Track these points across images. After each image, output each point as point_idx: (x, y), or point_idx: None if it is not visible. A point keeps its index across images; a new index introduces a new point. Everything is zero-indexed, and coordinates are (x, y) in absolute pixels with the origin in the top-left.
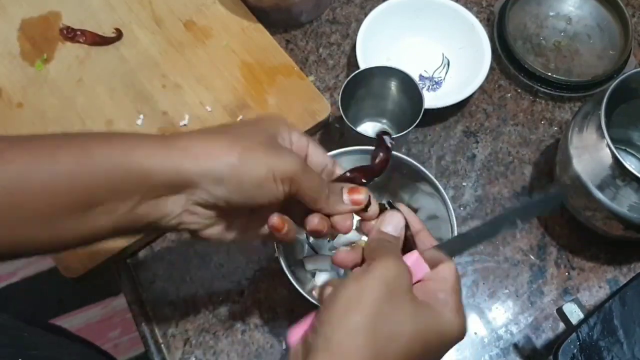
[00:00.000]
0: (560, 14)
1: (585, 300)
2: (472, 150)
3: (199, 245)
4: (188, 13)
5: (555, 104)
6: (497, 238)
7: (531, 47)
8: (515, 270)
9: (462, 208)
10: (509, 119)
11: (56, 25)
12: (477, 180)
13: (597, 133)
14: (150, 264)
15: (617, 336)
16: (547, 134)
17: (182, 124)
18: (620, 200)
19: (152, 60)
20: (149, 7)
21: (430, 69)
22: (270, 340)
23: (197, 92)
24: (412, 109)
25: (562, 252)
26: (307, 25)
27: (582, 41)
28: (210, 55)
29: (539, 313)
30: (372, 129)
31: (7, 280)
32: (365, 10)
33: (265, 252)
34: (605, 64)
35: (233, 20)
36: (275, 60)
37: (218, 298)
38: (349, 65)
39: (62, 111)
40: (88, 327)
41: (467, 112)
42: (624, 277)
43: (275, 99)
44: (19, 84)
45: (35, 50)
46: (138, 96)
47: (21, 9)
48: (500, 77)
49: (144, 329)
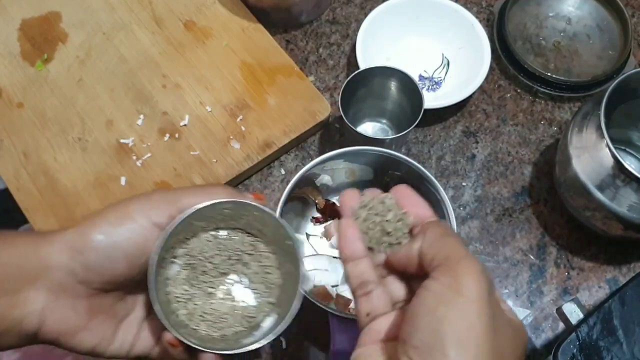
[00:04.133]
0: (560, 14)
1: (584, 300)
2: (471, 150)
3: None
4: (188, 13)
5: (555, 104)
6: (496, 237)
7: (531, 47)
8: (515, 270)
9: (462, 208)
10: (508, 119)
11: (56, 25)
12: (477, 180)
13: (596, 133)
14: None
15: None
16: (546, 134)
17: (182, 124)
18: (620, 200)
19: (152, 60)
20: (149, 7)
21: (430, 69)
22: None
23: (197, 92)
24: (412, 109)
25: (561, 252)
26: (307, 26)
27: (581, 41)
28: (210, 55)
29: (538, 313)
30: (372, 129)
31: None
32: (365, 10)
33: None
34: (605, 64)
35: (233, 20)
36: (275, 60)
37: None
38: (349, 65)
39: (62, 111)
40: None
41: (467, 112)
42: (624, 277)
43: (275, 99)
44: (19, 84)
45: (35, 50)
46: (138, 96)
47: (21, 9)
48: (500, 77)
49: None
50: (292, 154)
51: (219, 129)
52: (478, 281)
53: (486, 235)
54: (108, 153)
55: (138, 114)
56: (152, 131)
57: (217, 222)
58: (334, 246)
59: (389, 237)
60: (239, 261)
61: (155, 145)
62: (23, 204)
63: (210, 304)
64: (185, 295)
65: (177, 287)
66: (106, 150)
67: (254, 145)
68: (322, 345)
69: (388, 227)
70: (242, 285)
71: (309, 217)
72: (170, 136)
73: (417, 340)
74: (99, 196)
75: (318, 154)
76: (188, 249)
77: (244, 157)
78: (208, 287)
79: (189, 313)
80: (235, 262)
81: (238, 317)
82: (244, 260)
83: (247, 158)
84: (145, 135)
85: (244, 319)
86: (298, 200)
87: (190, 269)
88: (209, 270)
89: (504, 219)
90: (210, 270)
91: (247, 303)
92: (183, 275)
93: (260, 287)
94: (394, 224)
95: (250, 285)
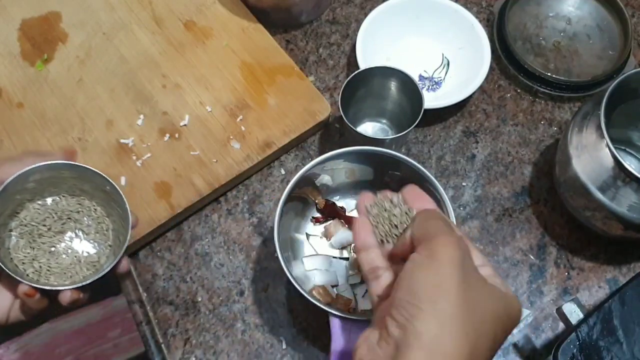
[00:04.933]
0: (559, 14)
1: (584, 300)
2: (471, 150)
3: (199, 245)
4: (188, 13)
5: (555, 104)
6: (496, 237)
7: (531, 47)
8: (515, 270)
9: (462, 208)
10: (508, 119)
11: (56, 25)
12: (477, 180)
13: (596, 133)
14: (150, 264)
15: (617, 336)
16: (546, 134)
17: (182, 124)
18: (620, 200)
19: (152, 60)
20: (149, 7)
21: (430, 69)
22: (270, 340)
23: (197, 92)
24: (412, 109)
25: (561, 252)
26: (307, 26)
27: (581, 41)
28: (210, 55)
29: (538, 313)
30: (372, 129)
31: None
32: (365, 11)
33: (265, 252)
34: (604, 64)
35: (233, 21)
36: (275, 60)
37: (218, 298)
38: (349, 65)
39: (62, 111)
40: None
41: (467, 112)
42: (624, 277)
43: (275, 99)
44: (19, 84)
45: (35, 50)
46: (138, 96)
47: (21, 9)
48: (500, 77)
49: (144, 328)
50: (292, 154)
51: (219, 129)
52: (452, 249)
53: (486, 235)
54: (108, 153)
55: (138, 114)
56: (152, 131)
57: (41, 192)
58: (334, 246)
59: (396, 229)
60: (70, 219)
61: (155, 145)
62: None
63: (55, 259)
64: (28, 257)
65: (19, 253)
66: (106, 150)
67: (254, 145)
68: (322, 345)
69: (395, 221)
70: (79, 239)
71: (309, 217)
72: (170, 136)
73: (397, 300)
74: None
75: (318, 154)
76: (20, 219)
77: (244, 157)
78: (48, 247)
79: (36, 271)
80: (66, 221)
81: (83, 265)
82: (74, 218)
83: (247, 158)
84: (145, 135)
85: (89, 265)
86: (298, 200)
87: (27, 235)
88: (44, 233)
89: (504, 219)
90: (45, 232)
91: (88, 252)
92: (22, 242)
93: (97, 236)
94: (399, 218)
95: (87, 237)
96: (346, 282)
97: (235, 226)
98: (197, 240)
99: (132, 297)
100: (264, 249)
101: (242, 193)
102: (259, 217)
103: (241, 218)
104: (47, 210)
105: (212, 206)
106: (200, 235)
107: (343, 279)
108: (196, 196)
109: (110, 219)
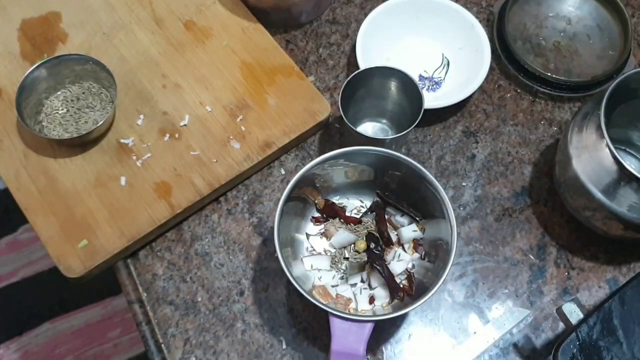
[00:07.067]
0: (559, 14)
1: (584, 300)
2: (471, 150)
3: (199, 245)
4: (188, 13)
5: (555, 104)
6: (496, 237)
7: (531, 47)
8: (514, 270)
9: (462, 208)
10: (508, 119)
11: (56, 25)
12: (477, 180)
13: (596, 133)
14: (150, 264)
15: (617, 336)
16: (546, 134)
17: (182, 124)
18: (620, 200)
19: (152, 60)
20: (149, 7)
21: (430, 69)
22: (270, 340)
23: (197, 92)
24: (412, 109)
25: (561, 252)
26: (307, 26)
27: (581, 41)
28: (210, 55)
29: (538, 313)
30: (372, 129)
31: (7, 280)
32: (365, 10)
33: (265, 252)
34: (604, 64)
35: (233, 20)
36: (275, 60)
37: (218, 298)
38: (349, 65)
39: None
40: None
41: (467, 112)
42: (624, 277)
43: (275, 99)
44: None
45: (35, 50)
46: (138, 96)
47: (21, 9)
48: (499, 77)
49: (144, 328)
50: (292, 154)
51: (219, 129)
52: None
53: (486, 235)
54: (108, 153)
55: (138, 113)
56: (152, 131)
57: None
58: (334, 246)
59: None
60: (80, 99)
61: (155, 145)
62: (23, 204)
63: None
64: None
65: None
66: (106, 150)
67: (254, 145)
68: (322, 345)
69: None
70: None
71: (309, 217)
72: (170, 136)
73: None
74: (98, 196)
75: (318, 154)
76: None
77: (244, 157)
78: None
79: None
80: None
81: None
82: (83, 98)
83: (247, 158)
84: (145, 135)
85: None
86: (298, 200)
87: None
88: (65, 114)
89: (504, 219)
90: (66, 113)
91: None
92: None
93: (102, 104)
94: None
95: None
96: (346, 282)
97: (235, 226)
98: (197, 240)
99: (132, 297)
100: (264, 249)
101: (242, 193)
102: (259, 217)
103: (241, 218)
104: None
105: (212, 206)
106: (200, 235)
107: (343, 279)
108: (196, 196)
109: (108, 91)
